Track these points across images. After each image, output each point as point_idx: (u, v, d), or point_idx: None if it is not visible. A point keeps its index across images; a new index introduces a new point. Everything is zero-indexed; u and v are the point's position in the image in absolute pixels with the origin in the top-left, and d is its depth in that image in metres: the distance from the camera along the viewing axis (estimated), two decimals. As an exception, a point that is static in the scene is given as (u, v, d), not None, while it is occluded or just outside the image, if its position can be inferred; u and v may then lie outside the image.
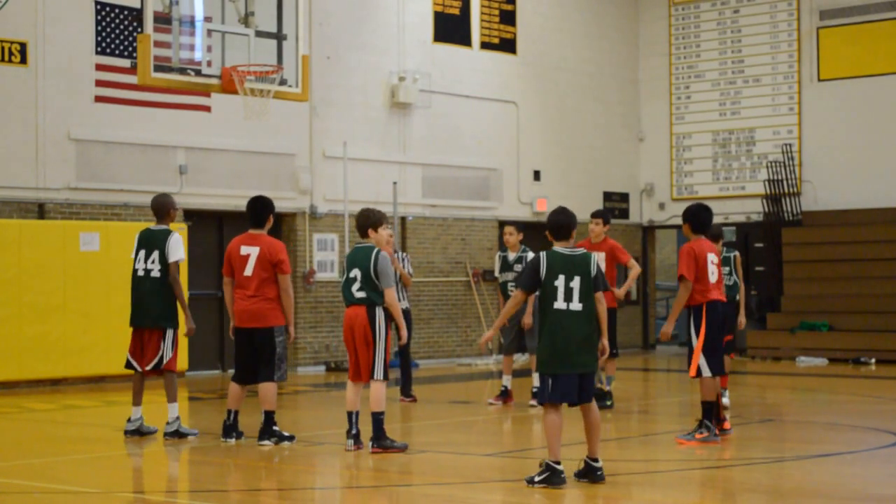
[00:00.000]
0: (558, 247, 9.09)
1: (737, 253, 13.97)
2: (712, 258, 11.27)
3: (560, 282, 8.92)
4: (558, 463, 8.84)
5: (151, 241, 11.72)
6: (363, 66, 21.04)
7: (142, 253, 11.75)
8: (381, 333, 10.58)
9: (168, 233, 11.72)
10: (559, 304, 8.92)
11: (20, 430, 13.04)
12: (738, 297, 13.81)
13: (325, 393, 16.21)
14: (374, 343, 10.56)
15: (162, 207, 11.89)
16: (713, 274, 11.24)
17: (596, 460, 8.97)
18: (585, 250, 9.23)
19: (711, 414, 11.26)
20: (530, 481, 8.88)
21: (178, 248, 11.68)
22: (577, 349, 8.90)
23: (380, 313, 10.58)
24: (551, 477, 8.82)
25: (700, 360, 11.12)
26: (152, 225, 11.93)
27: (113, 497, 8.96)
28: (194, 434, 11.71)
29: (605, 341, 9.15)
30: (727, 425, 11.61)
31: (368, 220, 10.86)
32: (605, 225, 13.93)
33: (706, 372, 11.13)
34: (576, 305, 8.92)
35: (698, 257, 11.16)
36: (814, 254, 22.95)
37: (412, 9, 21.85)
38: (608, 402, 13.73)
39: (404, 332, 11.01)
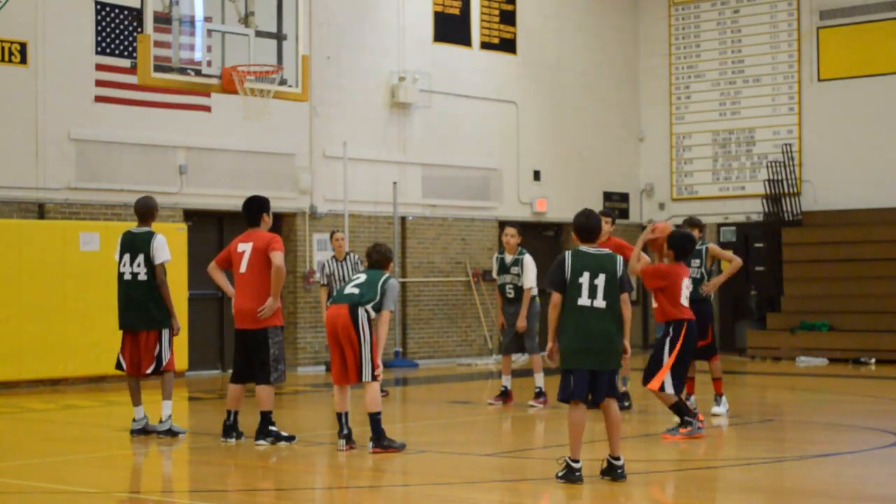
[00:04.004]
0: (584, 247, 9.12)
1: (710, 245, 13.32)
2: (686, 283, 11.44)
3: (585, 279, 8.94)
4: (577, 461, 8.90)
5: (135, 244, 11.68)
6: (363, 66, 21.05)
7: (126, 256, 11.70)
8: (364, 333, 10.50)
9: (151, 234, 11.69)
10: (583, 300, 8.94)
11: (20, 430, 13.04)
12: (704, 292, 13.34)
13: (325, 393, 16.21)
14: (360, 343, 10.52)
15: (146, 210, 11.86)
16: (685, 298, 11.37)
17: (617, 458, 9.03)
18: (610, 251, 9.23)
19: (684, 410, 11.41)
20: (557, 476, 8.96)
21: (163, 249, 11.66)
22: (595, 345, 8.93)
23: (362, 313, 10.49)
24: (567, 474, 8.90)
25: (666, 377, 11.22)
26: (133, 227, 11.89)
27: (113, 497, 8.97)
28: (183, 433, 11.72)
29: (626, 342, 9.17)
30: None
31: (391, 254, 10.92)
32: (612, 224, 13.84)
33: (668, 389, 11.25)
34: (599, 303, 8.95)
35: (677, 278, 11.32)
36: (814, 254, 22.94)
37: (412, 9, 21.85)
38: (626, 403, 13.64)
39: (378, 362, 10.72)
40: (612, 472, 9.03)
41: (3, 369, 16.38)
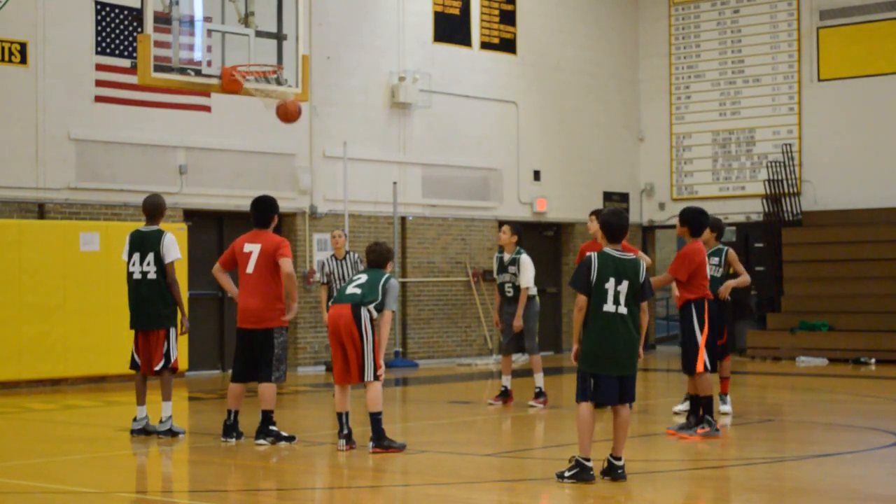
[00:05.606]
0: (609, 249, 9.13)
1: (730, 250, 13.29)
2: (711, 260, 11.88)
3: (610, 285, 8.97)
4: (588, 459, 8.92)
5: (145, 243, 11.66)
6: (363, 66, 21.05)
7: (136, 256, 11.68)
8: (367, 333, 10.51)
9: (161, 233, 11.68)
10: (608, 306, 8.97)
11: (20, 430, 13.04)
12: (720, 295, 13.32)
13: (325, 393, 16.21)
14: (362, 343, 10.52)
15: (156, 209, 11.84)
16: (709, 275, 11.72)
17: (618, 459, 9.06)
18: (635, 256, 9.25)
19: (711, 408, 11.50)
20: (560, 476, 8.98)
21: (173, 247, 11.66)
22: (622, 352, 9.00)
23: (364, 313, 10.50)
24: (580, 473, 8.91)
25: (705, 355, 11.36)
26: (142, 226, 11.88)
27: (113, 497, 8.97)
28: (182, 433, 11.73)
29: (640, 349, 9.23)
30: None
31: (390, 254, 10.87)
32: None
33: (708, 366, 11.46)
34: (622, 309, 8.99)
35: (698, 258, 11.49)
36: (814, 254, 22.94)
37: (412, 9, 21.85)
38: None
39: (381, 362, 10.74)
40: (613, 471, 9.05)
41: (3, 369, 16.37)
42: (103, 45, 17.84)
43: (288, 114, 12.49)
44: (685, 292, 11.47)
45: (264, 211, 11.45)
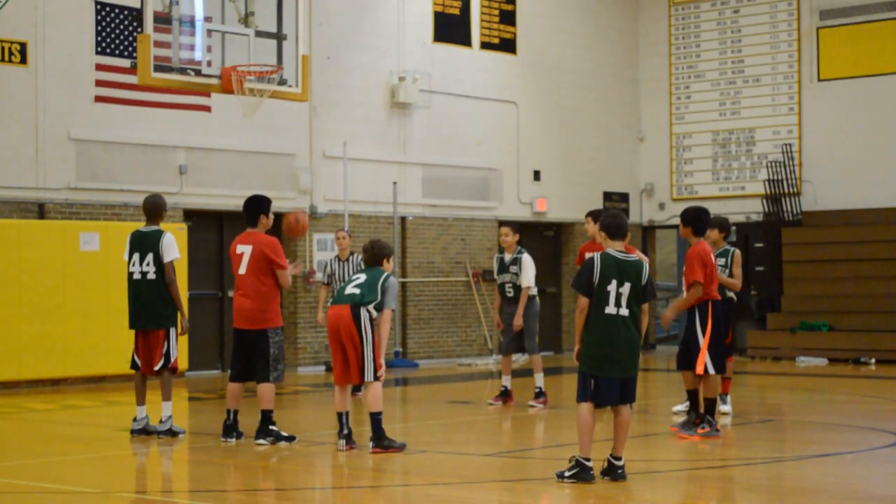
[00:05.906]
0: (612, 249, 9.12)
1: (737, 251, 13.15)
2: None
3: (612, 286, 8.95)
4: (588, 459, 8.93)
5: (144, 243, 11.67)
6: (363, 66, 21.05)
7: (135, 256, 11.69)
8: (366, 333, 10.50)
9: (160, 233, 11.69)
10: (610, 308, 8.95)
11: (20, 430, 13.04)
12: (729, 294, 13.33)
13: (325, 393, 16.22)
14: (362, 343, 10.52)
15: (156, 209, 11.84)
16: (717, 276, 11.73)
17: (618, 459, 9.06)
18: (637, 258, 9.23)
19: (714, 410, 11.52)
20: (560, 476, 8.98)
21: (172, 247, 11.66)
22: (623, 354, 8.99)
23: (364, 314, 10.49)
24: (580, 473, 8.91)
25: (706, 357, 11.32)
26: (142, 226, 11.89)
27: (113, 497, 8.96)
28: (182, 433, 11.73)
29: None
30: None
31: (384, 251, 10.83)
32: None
33: (711, 370, 11.42)
34: (624, 311, 8.98)
35: (706, 258, 11.46)
36: (814, 254, 22.95)
37: (412, 9, 21.85)
38: None
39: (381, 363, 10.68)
40: (613, 472, 9.05)
41: (3, 369, 16.37)
42: (103, 45, 17.84)
43: (291, 230, 12.41)
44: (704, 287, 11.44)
45: (252, 210, 11.48)
